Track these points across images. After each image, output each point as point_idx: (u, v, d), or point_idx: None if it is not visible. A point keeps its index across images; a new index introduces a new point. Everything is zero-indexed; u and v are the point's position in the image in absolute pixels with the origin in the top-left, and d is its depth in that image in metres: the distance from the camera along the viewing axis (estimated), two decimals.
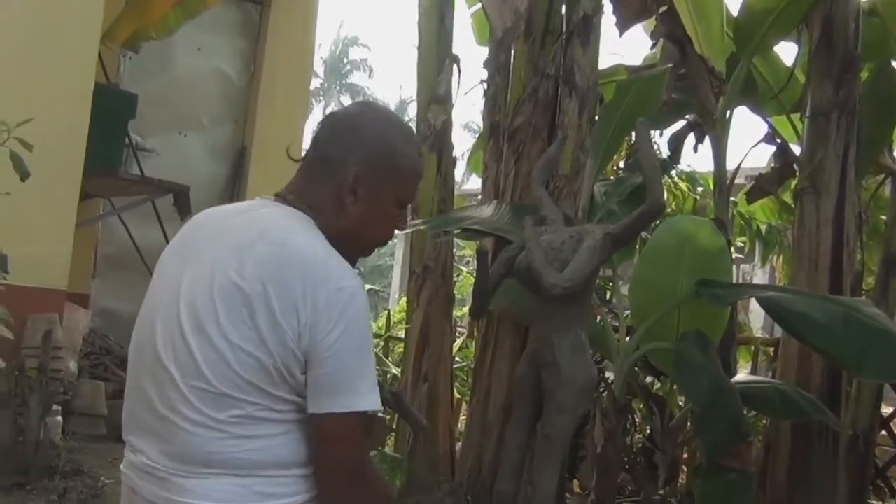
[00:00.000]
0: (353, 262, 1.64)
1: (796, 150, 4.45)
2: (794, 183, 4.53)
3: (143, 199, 5.91)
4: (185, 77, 6.27)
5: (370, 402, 1.53)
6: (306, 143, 1.75)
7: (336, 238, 1.60)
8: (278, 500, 1.54)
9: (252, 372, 1.49)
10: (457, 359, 5.53)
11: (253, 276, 1.50)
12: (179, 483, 1.52)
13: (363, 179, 1.62)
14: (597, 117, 3.90)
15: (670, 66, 4.30)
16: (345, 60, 40.50)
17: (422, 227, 3.88)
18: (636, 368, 3.74)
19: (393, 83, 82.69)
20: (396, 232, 1.82)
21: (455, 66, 4.34)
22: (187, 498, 1.52)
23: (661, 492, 3.60)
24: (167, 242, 1.82)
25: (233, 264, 1.53)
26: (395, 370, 5.20)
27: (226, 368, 1.49)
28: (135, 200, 6.01)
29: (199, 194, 5.59)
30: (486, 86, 4.46)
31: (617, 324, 3.59)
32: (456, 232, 3.87)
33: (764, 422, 4.50)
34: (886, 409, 4.66)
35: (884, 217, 4.97)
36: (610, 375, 3.99)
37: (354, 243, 1.65)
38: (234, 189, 5.96)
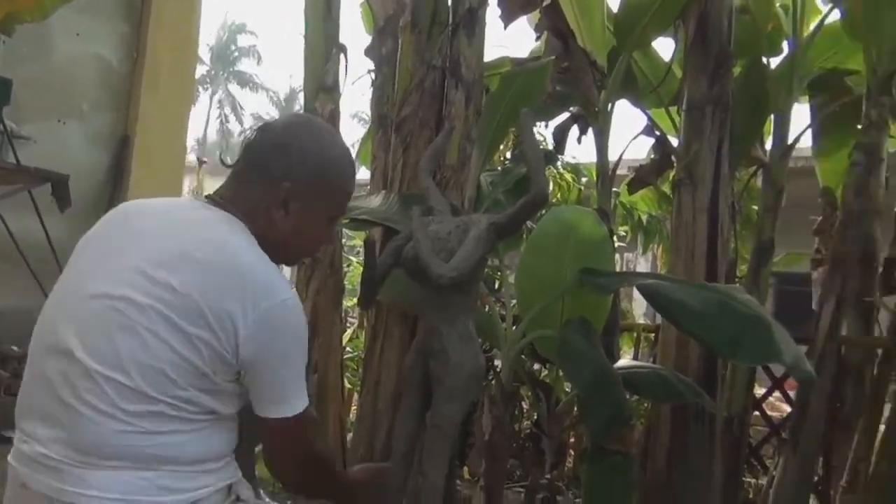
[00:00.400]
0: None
1: (675, 142, 4.58)
2: (672, 174, 4.67)
3: (20, 189, 5.67)
4: (64, 63, 6.04)
5: (303, 402, 1.66)
6: (192, 132, 1.73)
7: (265, 245, 1.62)
8: (180, 495, 1.53)
9: (181, 373, 1.50)
10: (347, 349, 5.51)
11: (192, 282, 1.51)
12: (77, 474, 1.49)
13: (296, 195, 1.64)
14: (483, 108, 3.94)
15: (553, 58, 4.37)
16: (232, 47, 39.74)
17: None
18: (523, 356, 3.81)
19: (283, 71, 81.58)
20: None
21: (342, 56, 4.32)
22: (84, 489, 1.49)
23: (549, 476, 3.67)
24: (45, 233, 1.79)
25: (170, 265, 1.53)
26: None
27: (154, 366, 1.49)
28: (10, 190, 5.77)
29: (79, 184, 5.40)
30: (373, 76, 4.46)
31: (504, 312, 3.63)
32: (344, 222, 3.86)
33: (645, 406, 4.64)
34: (759, 391, 4.85)
35: (756, 207, 5.17)
36: (499, 363, 4.04)
37: (281, 254, 1.67)
38: (116, 178, 5.77)
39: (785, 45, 4.72)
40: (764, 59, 4.63)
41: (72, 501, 1.49)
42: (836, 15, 4.59)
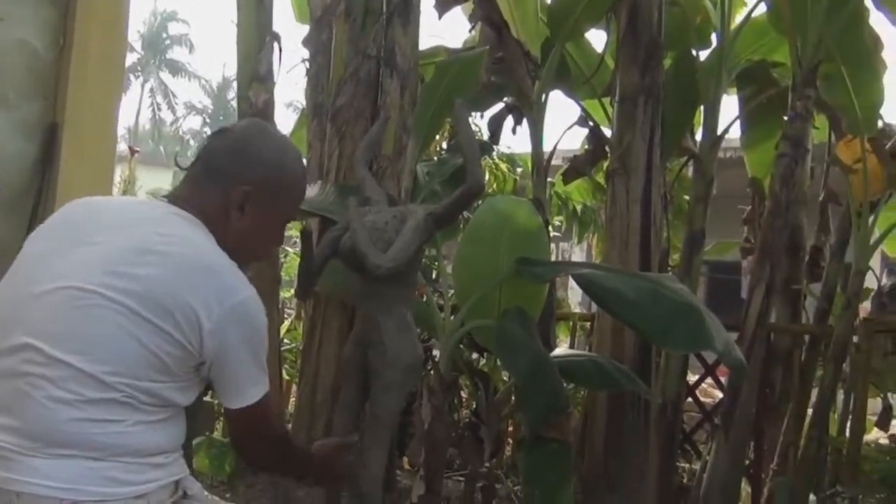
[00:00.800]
0: None
1: (608, 132, 4.63)
2: (606, 164, 4.72)
3: None
4: None
5: (264, 387, 1.67)
6: (123, 120, 1.75)
7: (222, 245, 1.64)
8: (126, 488, 1.52)
9: (141, 363, 1.51)
10: (285, 341, 5.47)
11: (156, 275, 1.53)
12: (24, 462, 1.48)
13: (252, 198, 1.67)
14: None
15: (487, 48, 4.38)
16: (164, 35, 39.06)
17: None
18: (461, 346, 3.82)
19: (216, 60, 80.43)
20: None
21: (276, 44, 4.26)
22: (31, 477, 1.47)
23: (488, 464, 3.70)
24: None
25: (134, 258, 1.54)
26: None
27: (113, 354, 1.49)
28: None
29: (5, 173, 5.24)
30: (307, 65, 4.42)
31: (442, 302, 3.64)
32: None
33: (582, 393, 4.69)
34: (692, 378, 4.94)
35: (687, 197, 5.26)
36: (437, 353, 4.05)
37: (234, 255, 1.66)
38: (44, 168, 5.60)
39: (714, 38, 4.79)
40: (693, 52, 4.71)
41: (18, 490, 1.46)
42: (762, 8, 4.69)
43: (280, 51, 4.27)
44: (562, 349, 4.74)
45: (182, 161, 1.76)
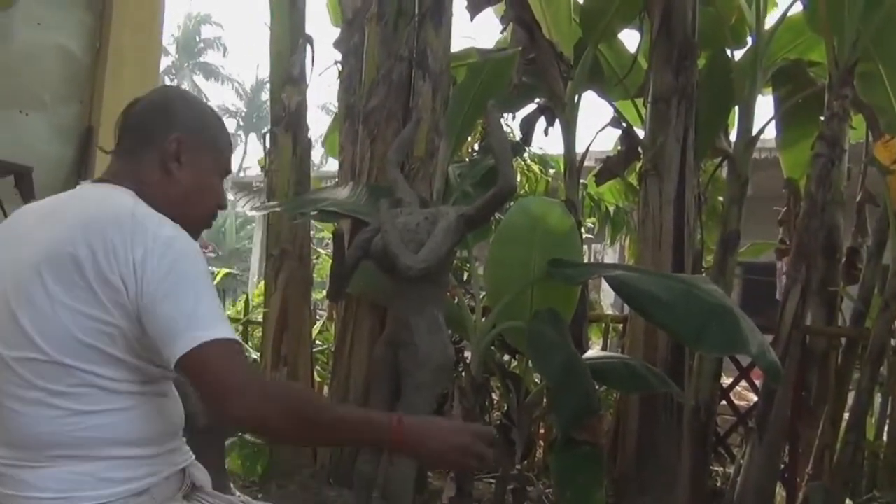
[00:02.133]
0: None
1: (641, 133, 4.60)
2: (639, 165, 4.69)
3: None
4: (25, 52, 5.94)
5: (220, 331, 1.43)
6: None
7: (166, 211, 1.56)
8: (122, 486, 1.47)
9: (92, 334, 1.44)
10: (317, 342, 5.49)
11: (77, 240, 1.45)
12: (12, 475, 1.45)
13: (185, 145, 1.64)
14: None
15: (519, 49, 4.37)
16: (197, 38, 39.38)
17: (278, 210, 3.83)
18: (493, 347, 3.81)
19: (249, 62, 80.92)
20: (255, 215, 1.83)
21: (309, 47, 4.29)
22: (22, 491, 1.44)
23: (519, 467, 3.69)
24: None
25: (56, 236, 1.48)
26: (255, 354, 5.13)
27: (62, 332, 1.43)
28: None
29: (43, 175, 5.31)
30: (340, 67, 4.44)
31: (474, 304, 3.63)
32: (312, 214, 3.85)
33: (614, 396, 4.66)
34: (726, 381, 4.89)
35: (721, 198, 5.21)
36: (468, 355, 4.05)
37: (184, 216, 1.60)
38: (80, 170, 5.67)
39: (749, 37, 4.75)
40: (728, 51, 4.66)
41: None
42: (798, 7, 4.65)
43: (313, 53, 4.30)
44: (594, 351, 4.72)
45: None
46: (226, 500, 1.68)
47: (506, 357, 4.38)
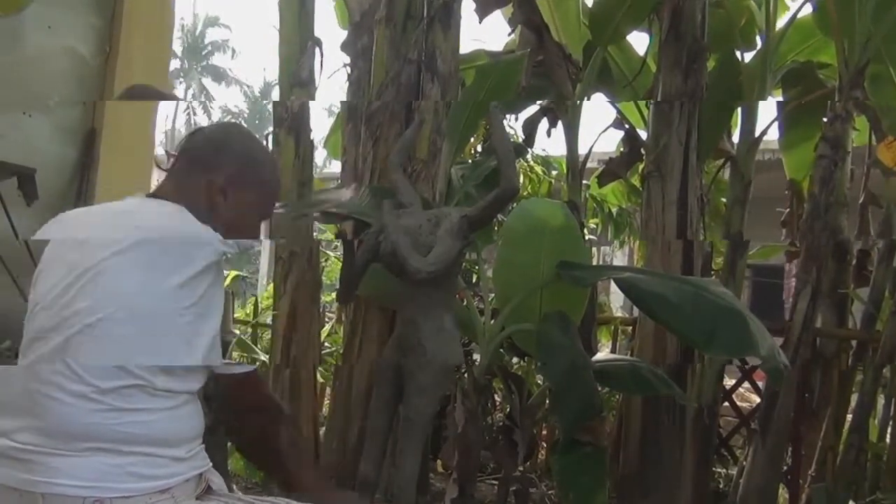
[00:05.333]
0: None
1: (644, 135, 4.60)
2: (641, 167, 4.69)
3: None
4: (35, 56, 5.97)
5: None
6: (160, 125, 1.87)
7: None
8: (150, 482, 1.54)
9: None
10: (326, 344, 5.50)
11: (136, 250, 1.60)
12: (46, 462, 1.50)
13: (233, 181, 1.79)
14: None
15: (528, 51, 4.37)
16: (204, 41, 39.43)
17: (281, 211, 3.84)
18: (501, 350, 3.81)
19: (257, 65, 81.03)
20: None
21: (317, 50, 4.30)
22: (53, 478, 1.49)
23: (521, 468, 3.69)
24: (12, 227, 1.88)
25: (116, 248, 1.60)
26: (264, 357, 5.14)
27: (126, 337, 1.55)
28: None
29: (46, 177, 5.34)
30: (349, 70, 4.44)
31: (482, 306, 3.63)
32: (315, 215, 3.85)
33: (617, 397, 4.66)
34: (729, 382, 4.89)
35: (724, 199, 5.21)
36: (477, 357, 4.06)
37: (226, 235, 1.74)
38: (83, 172, 5.71)
39: (758, 39, 4.75)
40: (738, 53, 4.66)
41: (43, 492, 1.48)
42: (808, 9, 4.64)
43: (321, 56, 4.31)
44: (603, 353, 4.72)
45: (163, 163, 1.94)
46: (236, 498, 1.74)
47: (514, 359, 4.38)
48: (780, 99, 4.92)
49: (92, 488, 1.49)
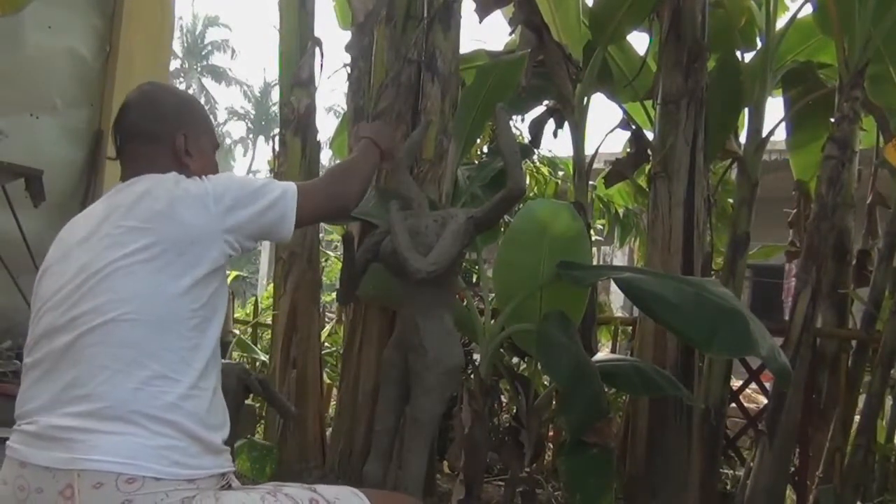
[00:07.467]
0: None
1: (651, 135, 4.60)
2: (648, 168, 4.68)
3: None
4: (36, 56, 5.96)
5: (280, 185, 1.90)
6: None
7: None
8: (181, 470, 1.56)
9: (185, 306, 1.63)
10: (326, 344, 5.50)
11: (150, 206, 1.68)
12: (84, 440, 1.52)
13: (189, 138, 1.85)
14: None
15: (528, 51, 4.36)
16: (204, 41, 39.46)
17: None
18: (502, 350, 3.81)
19: (257, 65, 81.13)
20: None
21: (318, 50, 4.29)
22: (92, 455, 1.51)
23: (528, 469, 3.68)
24: (20, 229, 1.91)
25: (126, 250, 1.64)
26: (264, 357, 5.13)
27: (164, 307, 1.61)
28: None
29: (53, 179, 5.34)
30: (349, 70, 4.43)
31: (483, 306, 3.63)
32: None
33: (623, 398, 4.66)
34: (736, 383, 4.88)
35: (731, 200, 5.20)
36: (477, 357, 4.05)
37: None
38: (90, 173, 5.69)
39: (758, 39, 4.74)
40: (738, 53, 4.65)
41: (80, 468, 1.50)
42: (808, 9, 4.63)
43: (322, 56, 4.29)
44: (603, 353, 4.71)
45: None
46: (253, 489, 1.75)
47: (515, 360, 4.38)
48: (785, 98, 4.91)
49: (126, 465, 1.51)
